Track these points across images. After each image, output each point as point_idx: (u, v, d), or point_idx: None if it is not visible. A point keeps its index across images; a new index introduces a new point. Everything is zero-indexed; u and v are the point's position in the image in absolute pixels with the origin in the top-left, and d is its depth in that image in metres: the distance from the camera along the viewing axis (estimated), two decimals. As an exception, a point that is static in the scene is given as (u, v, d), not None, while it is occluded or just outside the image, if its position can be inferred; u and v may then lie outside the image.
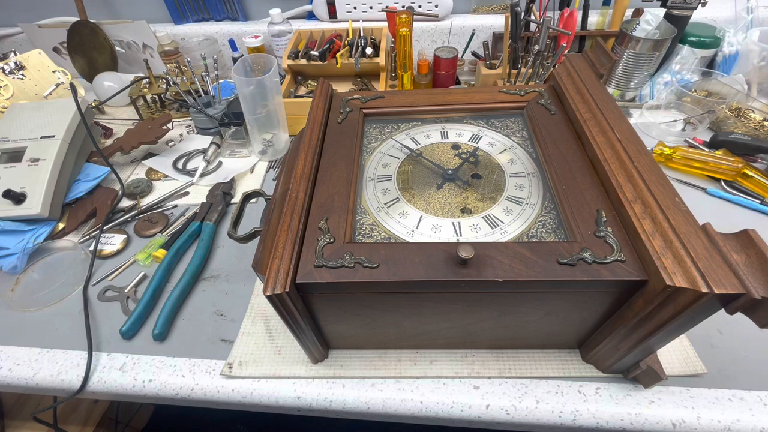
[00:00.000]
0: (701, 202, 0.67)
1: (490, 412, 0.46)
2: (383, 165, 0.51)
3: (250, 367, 0.50)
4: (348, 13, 1.05)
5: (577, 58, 0.56)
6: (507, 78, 0.88)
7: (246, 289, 0.59)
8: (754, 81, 0.86)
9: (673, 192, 0.37)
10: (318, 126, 0.51)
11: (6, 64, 0.86)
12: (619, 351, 0.41)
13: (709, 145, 0.76)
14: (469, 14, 1.05)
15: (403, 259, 0.37)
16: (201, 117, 0.86)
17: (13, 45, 1.17)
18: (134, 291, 0.60)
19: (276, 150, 0.82)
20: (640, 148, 0.42)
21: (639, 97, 0.91)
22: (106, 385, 0.51)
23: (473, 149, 0.52)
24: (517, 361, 0.49)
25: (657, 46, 0.82)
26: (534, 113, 0.53)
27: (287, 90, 0.90)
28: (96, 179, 0.75)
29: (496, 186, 0.47)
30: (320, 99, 0.55)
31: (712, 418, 0.44)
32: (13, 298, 0.61)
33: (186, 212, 0.72)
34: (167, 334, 0.54)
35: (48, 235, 0.68)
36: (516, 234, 0.41)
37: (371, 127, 0.56)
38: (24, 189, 0.67)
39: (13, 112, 0.77)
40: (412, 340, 0.49)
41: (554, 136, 0.49)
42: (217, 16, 1.12)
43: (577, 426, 0.45)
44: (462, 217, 0.44)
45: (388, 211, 0.45)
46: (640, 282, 0.34)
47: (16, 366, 0.53)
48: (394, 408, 0.47)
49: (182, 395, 0.50)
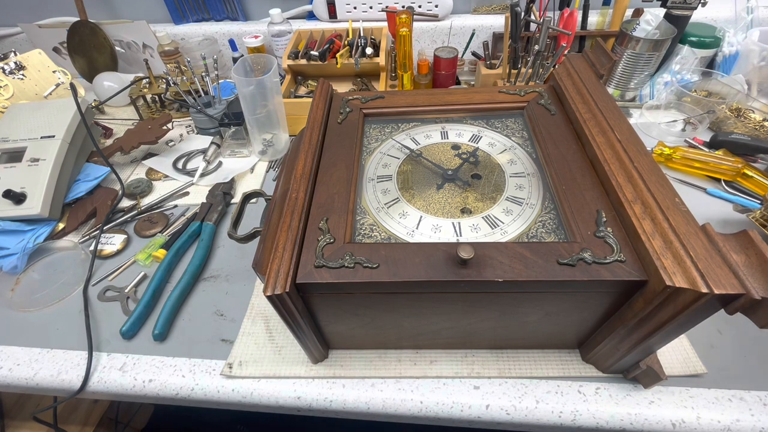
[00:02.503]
0: (701, 202, 0.67)
1: (490, 412, 0.46)
2: (383, 165, 0.51)
3: (250, 367, 0.50)
4: (348, 13, 1.05)
5: (577, 58, 0.56)
6: (507, 78, 0.88)
7: (246, 289, 0.59)
8: (754, 81, 0.86)
9: (673, 192, 0.37)
10: (318, 126, 0.51)
11: (6, 64, 0.86)
12: (619, 351, 0.42)
13: (709, 145, 0.76)
14: (469, 14, 1.05)
15: (403, 260, 0.37)
16: (201, 117, 0.86)
17: (13, 45, 1.17)
18: (134, 291, 0.60)
19: (276, 150, 0.82)
20: (640, 148, 0.42)
21: (639, 97, 0.91)
22: (106, 385, 0.51)
23: (473, 149, 0.52)
24: (517, 361, 0.49)
25: (657, 46, 0.82)
26: (534, 113, 0.53)
27: (287, 90, 0.90)
28: (96, 179, 0.75)
29: (496, 186, 0.47)
30: (320, 99, 0.55)
31: (712, 418, 0.44)
32: (13, 298, 0.61)
33: (186, 212, 0.72)
34: (167, 334, 0.54)
35: (48, 235, 0.68)
36: (516, 234, 0.41)
37: (371, 127, 0.56)
38: (24, 189, 0.67)
39: (13, 112, 0.77)
40: (412, 340, 0.49)
41: (554, 136, 0.49)
42: (217, 16, 1.12)
43: (577, 426, 0.45)
44: (462, 217, 0.44)
45: (388, 212, 0.45)
46: (640, 282, 0.34)
47: (16, 366, 0.53)
48: (394, 408, 0.47)
49: (182, 395, 0.50)
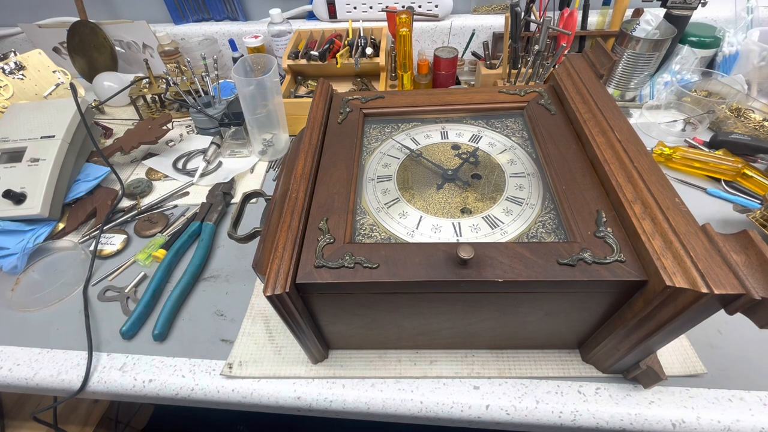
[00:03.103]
0: (701, 202, 0.67)
1: (490, 413, 0.46)
2: (383, 165, 0.51)
3: (250, 367, 0.50)
4: (348, 13, 1.05)
5: (577, 58, 0.56)
6: (507, 78, 0.88)
7: (246, 289, 0.59)
8: (754, 81, 0.86)
9: (673, 192, 0.37)
10: (318, 126, 0.51)
11: (6, 64, 0.86)
12: (619, 351, 0.42)
13: (709, 145, 0.76)
14: (469, 14, 1.05)
15: (403, 260, 0.37)
16: (201, 117, 0.86)
17: (13, 45, 1.17)
18: (134, 291, 0.60)
19: (276, 150, 0.82)
20: (640, 148, 0.42)
21: (639, 97, 0.91)
22: (106, 385, 0.51)
23: (473, 149, 0.52)
24: (517, 361, 0.49)
25: (657, 46, 0.82)
26: (534, 113, 0.53)
27: (287, 90, 0.90)
28: (96, 179, 0.75)
29: (496, 186, 0.47)
30: (320, 99, 0.55)
31: (712, 418, 0.44)
32: (14, 298, 0.61)
33: (186, 212, 0.72)
34: (167, 334, 0.54)
35: (48, 235, 0.68)
36: (516, 234, 0.41)
37: (371, 127, 0.56)
38: (24, 189, 0.67)
39: (13, 112, 0.77)
40: (412, 340, 0.49)
41: (554, 136, 0.49)
42: (217, 16, 1.12)
43: (577, 426, 0.45)
44: (462, 217, 0.44)
45: (388, 212, 0.45)
46: (640, 282, 0.34)
47: (16, 366, 0.53)
48: (394, 408, 0.47)
49: (182, 395, 0.50)
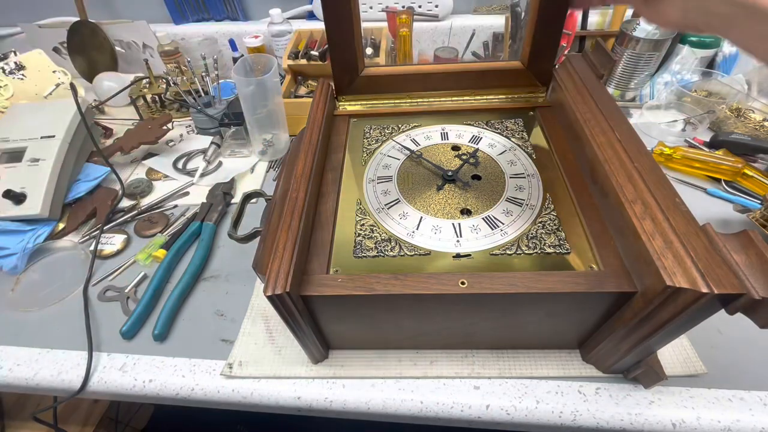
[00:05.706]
0: (701, 202, 0.67)
1: (490, 412, 0.46)
2: (383, 166, 0.51)
3: (250, 368, 0.50)
4: (348, 13, 1.04)
5: (577, 59, 0.56)
6: (507, 78, 0.87)
7: (246, 289, 0.59)
8: (754, 81, 0.86)
9: (673, 192, 0.37)
10: (318, 126, 0.51)
11: (6, 64, 0.86)
12: (619, 351, 0.41)
13: (709, 145, 0.76)
14: (469, 14, 1.05)
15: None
16: (201, 117, 0.86)
17: (13, 45, 1.16)
18: (134, 291, 0.60)
19: (276, 150, 0.82)
20: (640, 148, 0.42)
21: (639, 97, 0.91)
22: (107, 385, 0.51)
23: (473, 150, 0.52)
24: (517, 361, 0.49)
25: (657, 46, 0.82)
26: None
27: (287, 90, 0.90)
28: (96, 179, 0.75)
29: (496, 187, 0.47)
30: (320, 99, 0.55)
31: (712, 418, 0.44)
32: (14, 298, 0.61)
33: (186, 212, 0.72)
34: (167, 334, 0.54)
35: (48, 235, 0.68)
36: (516, 235, 0.41)
37: (371, 127, 0.56)
38: (24, 189, 0.67)
39: (13, 112, 0.77)
40: (413, 340, 0.49)
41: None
42: (217, 16, 1.12)
43: (577, 426, 0.45)
44: (462, 218, 0.44)
45: (389, 212, 0.45)
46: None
47: (17, 366, 0.53)
48: (394, 408, 0.47)
49: (182, 395, 0.50)
